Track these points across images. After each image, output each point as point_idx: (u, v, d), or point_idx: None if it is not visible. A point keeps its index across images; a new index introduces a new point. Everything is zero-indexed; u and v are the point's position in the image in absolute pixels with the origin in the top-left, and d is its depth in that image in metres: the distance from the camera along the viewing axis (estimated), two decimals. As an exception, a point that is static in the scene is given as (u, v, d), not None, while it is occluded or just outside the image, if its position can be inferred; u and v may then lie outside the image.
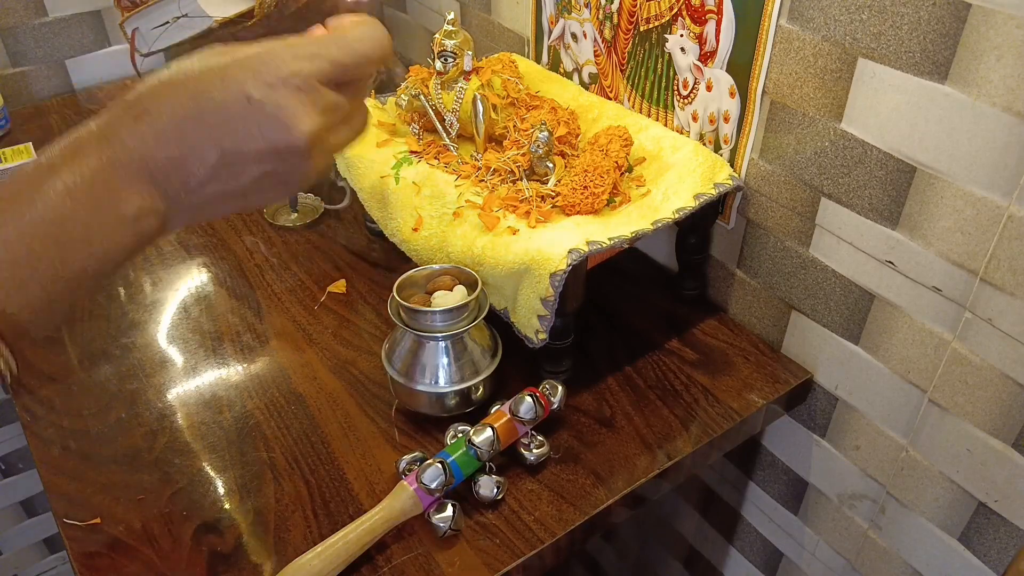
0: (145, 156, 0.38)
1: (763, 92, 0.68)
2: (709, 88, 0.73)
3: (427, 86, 0.80)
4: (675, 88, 0.77)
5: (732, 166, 0.73)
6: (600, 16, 0.82)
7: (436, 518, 0.58)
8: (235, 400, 0.71)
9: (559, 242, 0.63)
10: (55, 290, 0.39)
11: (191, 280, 0.86)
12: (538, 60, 0.96)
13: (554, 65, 0.93)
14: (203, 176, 0.39)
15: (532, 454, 0.63)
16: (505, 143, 0.77)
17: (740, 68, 0.69)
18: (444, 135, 0.81)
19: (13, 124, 1.16)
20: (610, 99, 0.85)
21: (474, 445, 0.60)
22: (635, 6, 0.77)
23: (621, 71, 0.83)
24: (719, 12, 0.68)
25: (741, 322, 0.80)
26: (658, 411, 0.70)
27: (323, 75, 0.41)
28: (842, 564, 0.81)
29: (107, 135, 0.38)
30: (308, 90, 0.40)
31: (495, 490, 0.61)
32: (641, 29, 0.78)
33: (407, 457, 0.62)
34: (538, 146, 0.72)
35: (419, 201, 0.73)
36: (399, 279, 0.66)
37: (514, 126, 0.77)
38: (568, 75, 0.91)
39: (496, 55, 0.83)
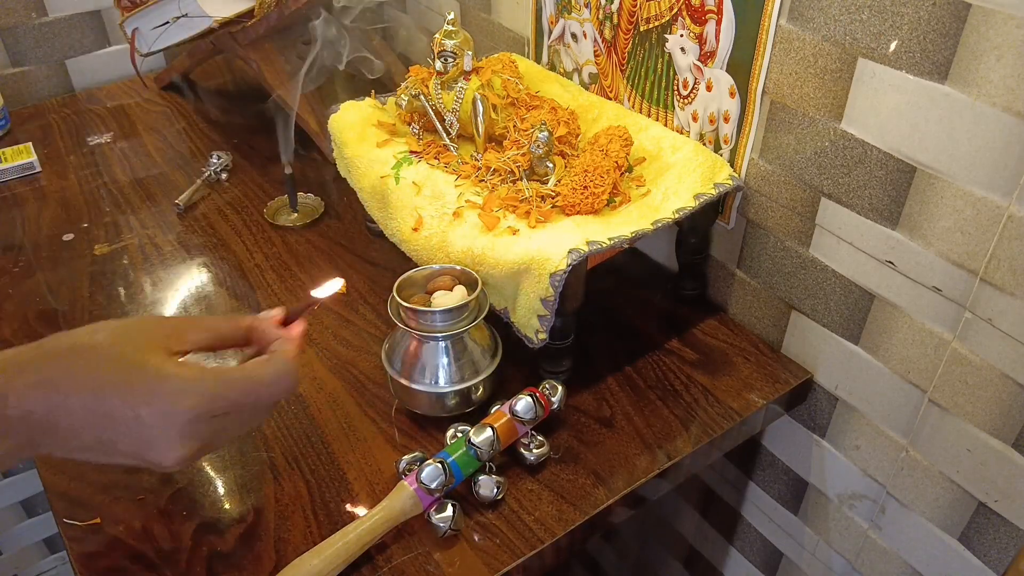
0: (30, 420, 0.41)
1: (763, 92, 0.68)
2: (709, 88, 0.73)
3: (427, 86, 0.80)
4: (675, 88, 0.77)
5: (732, 166, 0.73)
6: (600, 16, 0.82)
7: (436, 518, 0.58)
8: (235, 400, 0.71)
9: (559, 242, 0.63)
10: None
11: (191, 280, 0.86)
12: (538, 60, 0.96)
13: (554, 65, 0.93)
14: (73, 446, 0.43)
15: (532, 454, 0.63)
16: (505, 143, 0.77)
17: (740, 68, 0.69)
18: (444, 135, 0.81)
19: (13, 124, 1.16)
20: (610, 99, 0.85)
21: (474, 445, 0.60)
22: (635, 6, 0.77)
23: (621, 71, 0.83)
24: (719, 12, 0.68)
25: (741, 322, 0.80)
26: (658, 411, 0.70)
27: (216, 412, 0.44)
28: (842, 564, 0.81)
29: (9, 382, 0.41)
30: (193, 426, 0.43)
31: (495, 490, 0.61)
32: (641, 29, 0.78)
33: (407, 457, 0.62)
34: (538, 146, 0.72)
35: (419, 201, 0.73)
36: (399, 279, 0.66)
37: (514, 126, 0.77)
38: (568, 75, 0.91)
39: (496, 55, 0.83)
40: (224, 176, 1.04)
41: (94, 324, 0.44)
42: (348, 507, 0.61)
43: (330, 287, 0.60)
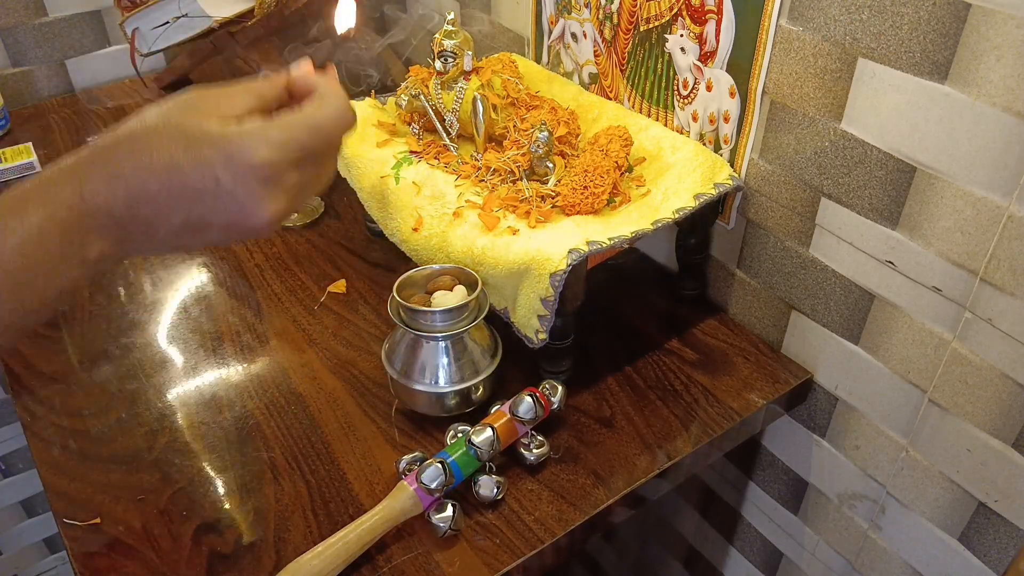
0: (114, 214, 0.41)
1: (763, 92, 0.68)
2: (709, 88, 0.73)
3: (427, 86, 0.80)
4: (675, 88, 0.77)
5: (732, 166, 0.73)
6: (600, 16, 0.82)
7: (436, 518, 0.58)
8: (235, 400, 0.71)
9: (559, 242, 0.63)
10: (12, 317, 0.41)
11: (191, 280, 0.86)
12: (538, 60, 0.96)
13: (554, 65, 0.93)
14: (164, 234, 0.42)
15: (532, 454, 0.63)
16: (505, 143, 0.77)
17: (740, 68, 0.69)
18: (444, 135, 0.80)
19: (13, 124, 1.16)
20: (610, 99, 0.85)
21: (474, 445, 0.60)
22: (635, 6, 0.77)
23: (621, 71, 0.83)
24: (719, 12, 0.68)
25: (741, 322, 0.80)
26: (658, 411, 0.70)
27: (292, 161, 0.43)
28: (842, 564, 0.81)
29: (81, 186, 0.40)
30: (275, 178, 0.42)
31: (495, 490, 0.61)
32: (641, 29, 0.78)
33: (407, 457, 0.62)
34: (538, 146, 0.72)
35: (419, 201, 0.73)
36: (399, 279, 0.66)
37: (514, 126, 0.77)
38: (568, 75, 0.91)
39: (496, 55, 0.83)
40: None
41: (136, 114, 0.43)
42: (348, 507, 0.61)
43: (344, 17, 0.57)
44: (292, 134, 0.43)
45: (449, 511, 0.58)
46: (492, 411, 0.65)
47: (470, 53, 0.77)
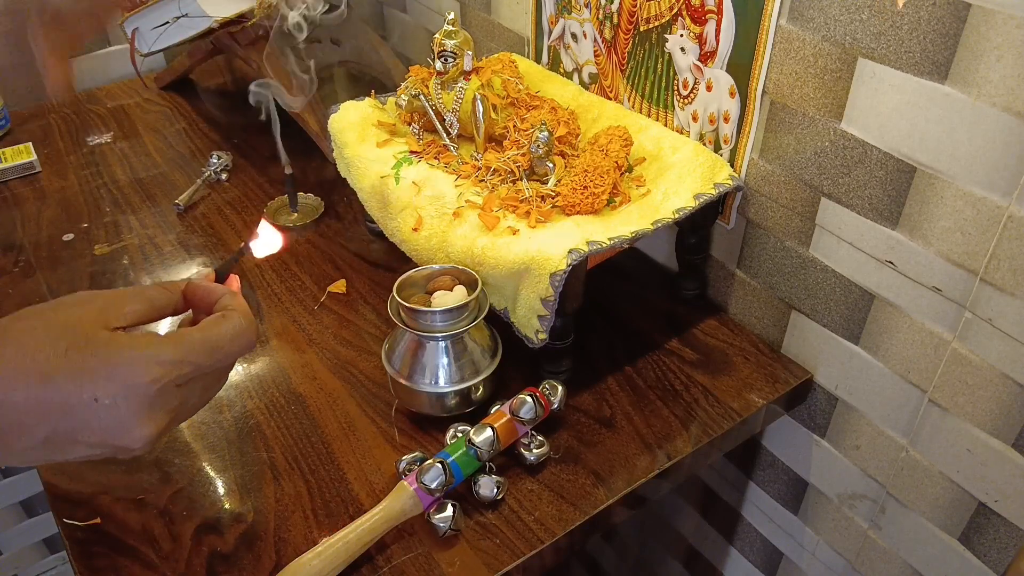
0: None
1: (763, 92, 0.68)
2: (709, 88, 0.73)
3: (427, 86, 0.80)
4: (675, 88, 0.77)
5: (732, 166, 0.73)
6: (600, 16, 0.82)
7: (436, 518, 0.58)
8: (235, 400, 0.71)
9: (559, 242, 0.63)
10: None
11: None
12: (538, 60, 0.96)
13: (554, 65, 0.93)
14: (20, 449, 0.39)
15: (532, 454, 0.63)
16: (505, 143, 0.77)
17: (740, 68, 0.69)
18: (444, 135, 0.80)
19: (13, 124, 1.16)
20: (610, 99, 0.85)
21: (474, 445, 0.60)
22: (635, 6, 0.77)
23: (621, 71, 0.83)
24: (719, 12, 0.68)
25: (741, 322, 0.80)
26: (658, 411, 0.70)
27: (182, 379, 0.41)
28: (842, 564, 0.81)
29: None
30: (160, 398, 0.40)
31: (495, 490, 0.61)
32: (641, 29, 0.78)
33: (407, 457, 0.62)
34: (538, 146, 0.72)
35: (419, 201, 0.73)
36: (399, 279, 0.66)
37: (514, 126, 0.77)
38: (568, 75, 0.91)
39: (496, 55, 0.83)
40: (224, 176, 1.04)
41: (16, 312, 0.39)
42: (348, 507, 0.61)
43: (266, 243, 0.53)
44: (186, 354, 0.40)
45: (449, 511, 0.58)
46: (492, 411, 0.65)
47: (470, 53, 0.77)
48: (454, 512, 0.58)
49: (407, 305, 0.63)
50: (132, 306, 0.42)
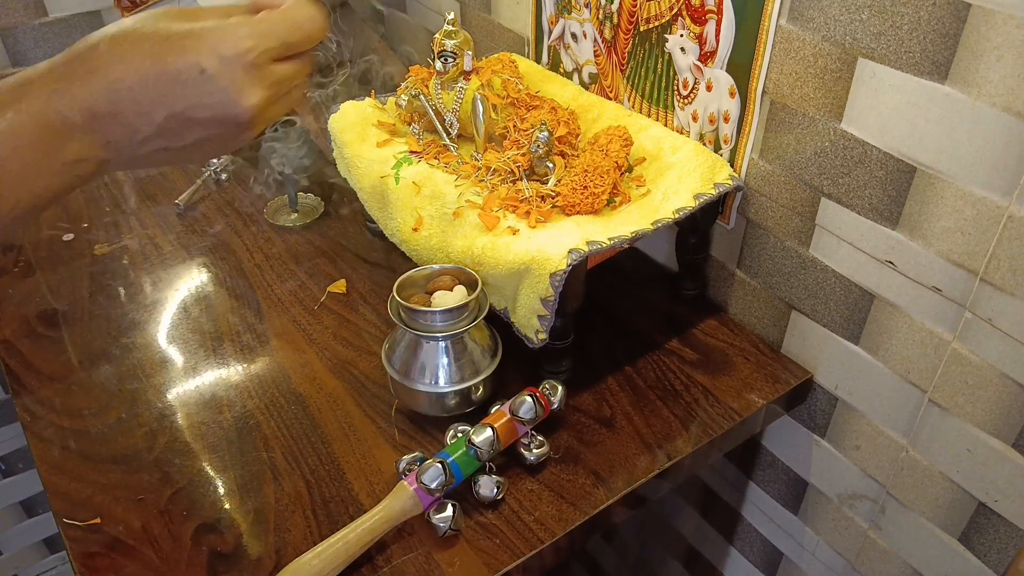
0: (94, 110, 0.39)
1: (763, 92, 0.68)
2: (709, 88, 0.73)
3: (427, 86, 0.80)
4: (675, 88, 0.77)
5: (732, 166, 0.73)
6: (600, 16, 0.82)
7: (436, 518, 0.58)
8: (235, 400, 0.71)
9: (559, 242, 0.63)
10: None
11: (191, 280, 0.86)
12: (538, 60, 0.96)
13: (554, 65, 0.93)
14: (147, 134, 0.41)
15: (532, 454, 0.63)
16: (505, 143, 0.77)
17: (740, 68, 0.69)
18: (444, 135, 0.80)
19: (13, 124, 1.16)
20: (610, 99, 0.85)
21: (474, 445, 0.60)
22: (635, 6, 0.77)
23: (621, 71, 0.83)
24: (719, 12, 0.68)
25: (741, 322, 0.80)
26: (658, 411, 0.70)
27: (272, 52, 0.43)
28: (842, 564, 0.81)
29: (58, 83, 0.39)
30: (258, 67, 0.42)
31: (495, 490, 0.61)
32: (641, 29, 0.78)
33: (407, 457, 0.62)
34: (538, 146, 0.72)
35: (419, 201, 0.73)
36: (399, 279, 0.66)
37: (514, 126, 0.77)
38: (568, 75, 0.91)
39: (496, 55, 0.83)
40: (224, 176, 1.04)
41: (106, 27, 0.42)
42: (348, 507, 0.61)
43: None
44: (272, 27, 0.43)
45: (449, 511, 0.58)
46: (492, 411, 0.65)
47: (470, 53, 0.77)
48: (454, 512, 0.58)
49: (407, 305, 0.63)
50: (213, 12, 0.44)
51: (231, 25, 0.42)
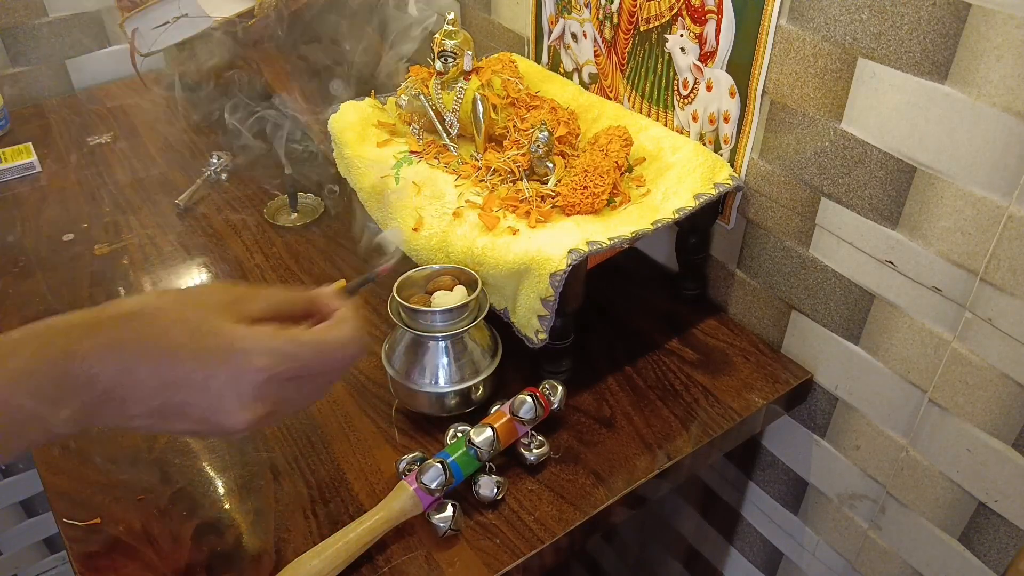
0: (97, 383, 0.40)
1: (763, 92, 0.68)
2: (709, 88, 0.73)
3: (427, 86, 0.80)
4: (675, 88, 0.77)
5: (732, 166, 0.73)
6: (600, 16, 0.82)
7: (436, 518, 0.58)
8: (235, 400, 0.71)
9: (559, 242, 0.63)
10: None
11: (191, 280, 0.86)
12: (538, 60, 0.96)
13: (554, 65, 0.93)
14: (136, 413, 0.42)
15: (532, 454, 0.63)
16: (505, 143, 0.77)
17: (740, 68, 0.69)
18: (444, 135, 0.80)
19: (13, 124, 1.16)
20: (610, 99, 0.85)
21: (474, 445, 0.60)
22: (635, 6, 0.77)
23: (621, 71, 0.83)
24: (719, 12, 0.68)
25: (741, 322, 0.80)
26: (658, 411, 0.70)
27: (288, 374, 0.43)
28: (842, 564, 0.81)
29: (71, 346, 0.39)
30: (265, 387, 0.42)
31: (495, 490, 0.61)
32: (641, 29, 0.78)
33: (407, 457, 0.62)
34: (538, 146, 0.72)
35: (419, 201, 0.73)
36: (399, 279, 0.66)
37: (514, 126, 0.77)
38: (568, 75, 0.91)
39: (496, 55, 0.83)
40: (224, 176, 1.04)
41: (155, 291, 0.42)
42: (348, 507, 0.61)
43: (384, 262, 0.61)
44: (297, 350, 0.43)
45: (449, 511, 0.58)
46: (492, 411, 0.65)
47: (470, 53, 0.77)
48: (454, 512, 0.58)
49: (407, 305, 0.63)
50: (259, 305, 0.45)
51: (255, 340, 0.42)
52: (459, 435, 0.63)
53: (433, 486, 0.57)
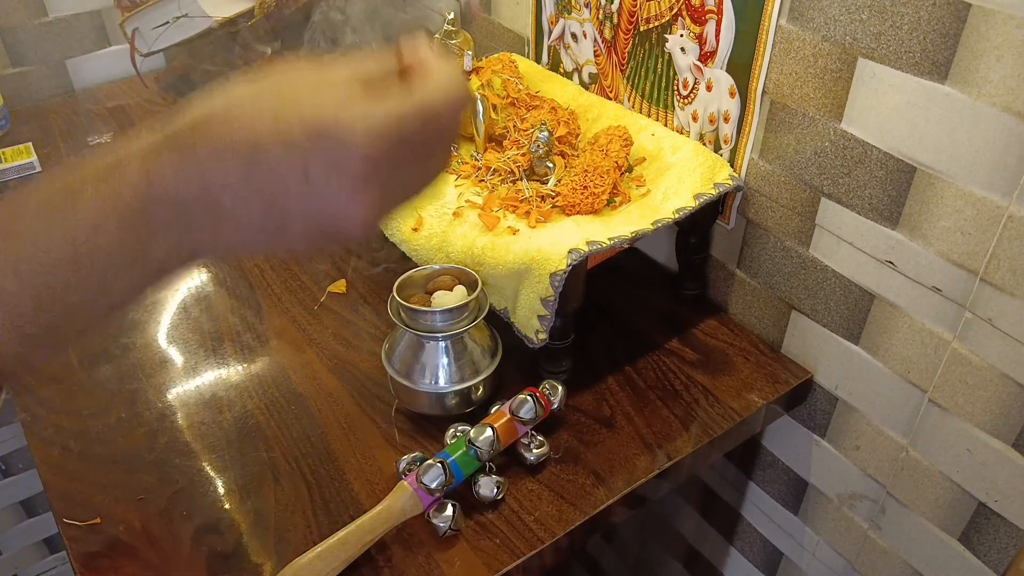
0: (184, 202, 0.34)
1: (763, 92, 0.68)
2: (709, 88, 0.73)
3: (427, 86, 0.79)
4: (675, 88, 0.77)
5: (732, 166, 0.73)
6: (600, 16, 0.82)
7: (436, 518, 0.58)
8: (235, 400, 0.71)
9: (559, 242, 0.63)
10: (45, 326, 0.35)
11: (191, 280, 0.86)
12: (538, 60, 0.96)
13: (554, 65, 0.93)
14: (239, 228, 0.36)
15: (532, 454, 0.63)
16: (505, 143, 0.77)
17: (740, 68, 0.69)
18: (444, 135, 0.80)
19: (13, 124, 1.16)
20: (610, 99, 0.85)
21: (474, 445, 0.60)
22: (635, 6, 0.77)
23: (621, 71, 0.83)
24: (719, 12, 0.68)
25: (741, 322, 0.80)
26: (658, 411, 0.70)
27: (396, 155, 0.36)
28: (842, 564, 0.81)
29: (147, 168, 0.34)
30: (374, 174, 0.35)
31: (495, 490, 0.61)
32: (641, 29, 0.78)
33: (407, 457, 0.62)
34: (538, 146, 0.72)
35: (419, 201, 0.73)
36: (399, 279, 0.66)
37: (514, 126, 0.77)
38: (568, 75, 0.91)
39: (496, 55, 0.83)
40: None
41: (221, 88, 0.36)
42: (348, 507, 0.61)
43: None
44: (399, 122, 0.35)
45: (449, 511, 0.58)
46: (492, 411, 0.65)
47: (470, 53, 0.77)
48: (454, 512, 0.58)
49: (407, 305, 0.63)
50: (343, 75, 0.37)
51: (349, 123, 0.34)
52: (459, 435, 0.63)
53: (433, 486, 0.57)
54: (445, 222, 0.71)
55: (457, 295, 0.65)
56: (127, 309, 0.37)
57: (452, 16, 0.76)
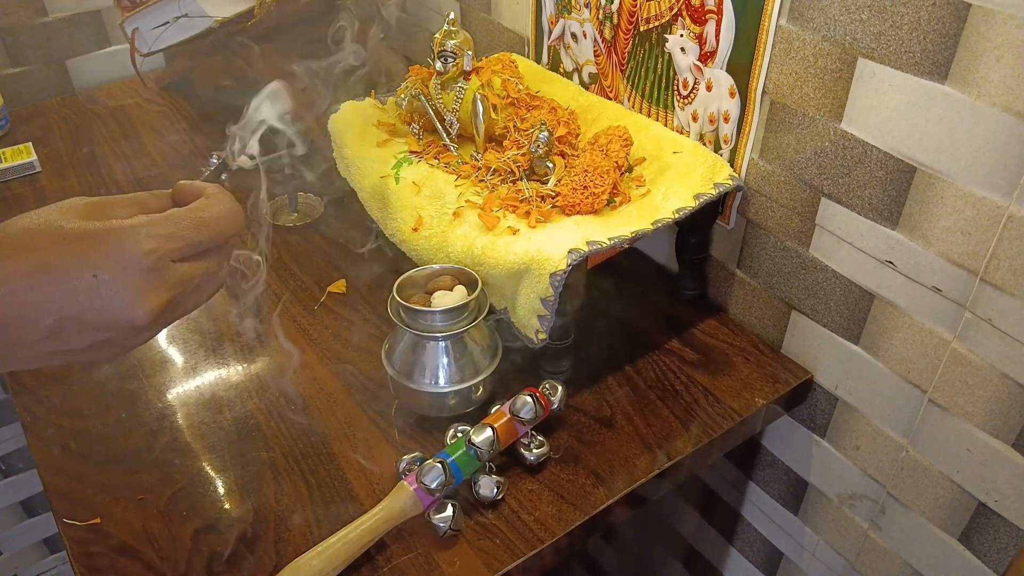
0: None
1: (763, 92, 0.68)
2: (709, 88, 0.73)
3: (427, 86, 0.80)
4: (675, 88, 0.77)
5: (732, 166, 0.73)
6: (600, 16, 0.82)
7: (436, 518, 0.58)
8: (235, 400, 0.71)
9: (559, 242, 0.63)
10: None
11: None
12: (538, 60, 0.96)
13: (554, 65, 0.93)
14: (33, 338, 0.39)
15: (532, 454, 0.63)
16: (505, 143, 0.77)
17: (740, 68, 0.69)
18: (444, 135, 0.80)
19: (13, 124, 1.16)
20: (610, 99, 0.85)
21: (474, 445, 0.60)
22: (635, 6, 0.77)
23: (621, 71, 0.83)
24: (719, 12, 0.68)
25: (741, 322, 0.80)
26: (658, 411, 0.70)
27: (175, 254, 0.42)
28: (842, 564, 0.81)
29: None
30: (159, 269, 0.41)
31: (495, 490, 0.61)
32: (641, 29, 0.78)
33: (407, 457, 0.62)
34: (538, 146, 0.72)
35: (419, 201, 0.73)
36: (399, 279, 0.66)
37: (514, 126, 0.77)
38: (568, 75, 0.91)
39: (496, 55, 0.83)
40: (224, 176, 1.04)
41: (7, 220, 0.40)
42: (348, 507, 0.61)
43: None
44: (176, 228, 0.42)
45: (449, 511, 0.58)
46: (492, 411, 0.65)
47: (470, 53, 0.77)
48: (454, 512, 0.58)
49: (407, 305, 0.63)
50: (125, 210, 0.43)
51: (132, 226, 0.40)
52: (459, 435, 0.63)
53: (433, 486, 0.57)
54: (445, 222, 0.71)
55: (457, 295, 0.65)
56: None
57: (452, 16, 0.76)
